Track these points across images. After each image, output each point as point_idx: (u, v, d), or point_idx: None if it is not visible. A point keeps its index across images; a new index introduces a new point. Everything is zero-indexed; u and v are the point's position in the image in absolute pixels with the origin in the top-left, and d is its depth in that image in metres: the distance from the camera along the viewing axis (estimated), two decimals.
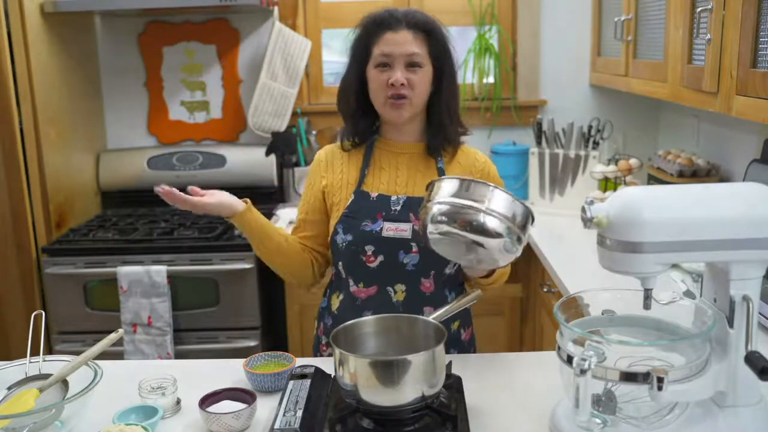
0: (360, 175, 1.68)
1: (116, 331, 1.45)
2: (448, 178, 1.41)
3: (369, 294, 1.65)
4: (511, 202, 1.35)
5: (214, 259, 2.74)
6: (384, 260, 1.62)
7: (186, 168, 3.24)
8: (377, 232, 1.61)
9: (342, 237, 1.64)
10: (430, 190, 1.42)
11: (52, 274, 2.75)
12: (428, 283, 1.64)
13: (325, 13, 3.33)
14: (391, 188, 1.66)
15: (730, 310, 1.20)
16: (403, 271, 1.62)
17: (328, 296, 1.76)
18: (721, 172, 2.57)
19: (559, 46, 3.25)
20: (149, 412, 1.34)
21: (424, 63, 1.61)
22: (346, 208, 1.65)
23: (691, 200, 1.19)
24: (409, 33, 1.60)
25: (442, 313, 1.43)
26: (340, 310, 1.69)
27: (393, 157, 1.69)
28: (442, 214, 1.35)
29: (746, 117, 1.65)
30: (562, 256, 2.39)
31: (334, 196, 1.69)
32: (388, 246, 1.61)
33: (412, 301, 1.63)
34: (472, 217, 1.33)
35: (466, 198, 1.35)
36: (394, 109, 1.61)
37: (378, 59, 1.60)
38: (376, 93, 1.62)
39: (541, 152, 2.98)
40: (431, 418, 1.29)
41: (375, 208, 1.63)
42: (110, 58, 3.32)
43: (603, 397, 1.18)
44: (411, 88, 1.59)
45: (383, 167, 1.69)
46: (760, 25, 1.59)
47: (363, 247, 1.62)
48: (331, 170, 1.71)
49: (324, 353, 1.76)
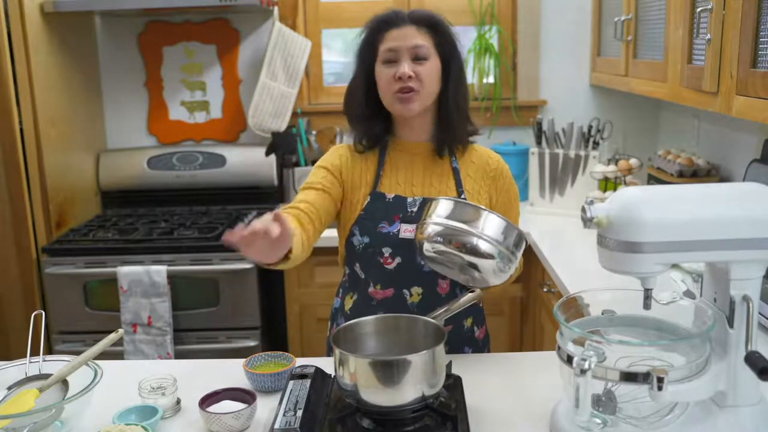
0: (375, 176, 1.67)
1: (116, 331, 1.45)
2: (444, 199, 1.45)
3: (385, 295, 1.64)
4: (504, 226, 1.41)
5: (214, 259, 2.74)
6: (401, 262, 1.61)
7: (186, 168, 3.24)
8: (394, 233, 1.61)
9: (359, 239, 1.63)
10: (428, 208, 1.46)
11: (52, 274, 2.75)
12: (445, 285, 1.64)
13: (325, 13, 3.33)
14: (408, 189, 1.66)
15: (730, 310, 1.20)
16: (420, 272, 1.62)
17: (342, 297, 1.75)
18: (721, 172, 2.57)
19: (559, 46, 3.25)
20: (149, 412, 1.34)
21: (430, 55, 1.60)
22: (362, 210, 1.64)
23: (691, 200, 1.19)
24: (413, 27, 1.60)
25: (442, 313, 1.43)
26: (353, 310, 1.69)
27: (408, 158, 1.68)
28: (438, 234, 1.40)
29: (746, 117, 1.65)
30: (562, 256, 2.39)
31: (353, 195, 1.67)
32: (405, 248, 1.60)
33: (427, 303, 1.62)
34: (466, 240, 1.39)
35: (461, 221, 1.40)
36: (403, 103, 1.59)
37: (384, 55, 1.60)
38: (385, 89, 1.61)
39: (541, 152, 2.98)
40: (431, 418, 1.29)
41: (391, 209, 1.63)
42: (110, 58, 3.32)
43: (603, 397, 1.18)
44: (419, 81, 1.58)
45: (398, 168, 1.68)
46: (760, 25, 1.59)
47: (380, 249, 1.61)
48: (350, 167, 1.69)
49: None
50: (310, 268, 2.82)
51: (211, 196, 3.24)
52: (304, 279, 2.86)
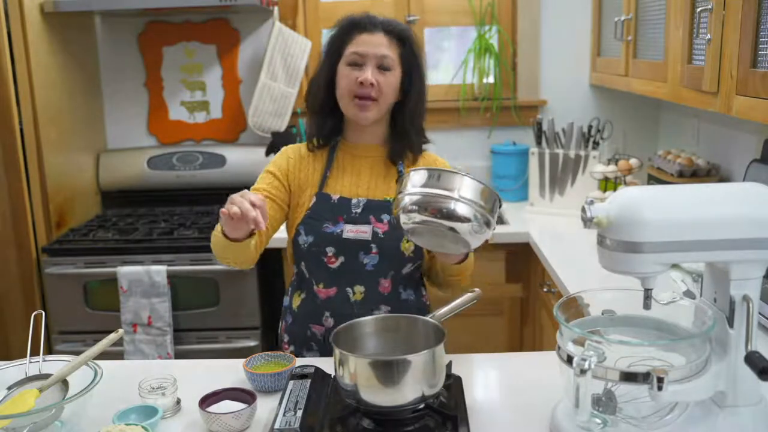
0: (322, 178, 1.70)
1: (116, 331, 1.45)
2: (416, 170, 1.42)
3: (328, 294, 1.67)
4: (477, 187, 1.38)
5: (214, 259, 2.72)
6: (344, 261, 1.65)
7: (186, 168, 3.24)
8: (338, 233, 1.64)
9: (304, 238, 1.66)
10: (401, 182, 1.44)
11: (52, 274, 2.75)
12: (386, 283, 1.67)
13: (325, 13, 3.33)
14: (353, 191, 1.69)
15: (730, 310, 1.20)
16: (362, 271, 1.65)
17: (290, 295, 1.78)
18: (721, 172, 2.57)
19: (559, 46, 3.25)
20: (149, 412, 1.34)
21: (394, 67, 1.64)
22: (308, 210, 1.68)
23: (691, 200, 1.19)
24: (385, 37, 1.63)
25: (442, 313, 1.43)
26: (301, 308, 1.72)
27: (355, 161, 1.71)
28: (413, 203, 1.38)
29: (746, 117, 1.65)
30: (562, 256, 2.39)
31: (299, 197, 1.70)
32: (348, 247, 1.64)
33: (369, 301, 1.66)
34: (442, 205, 1.36)
35: (436, 187, 1.37)
36: (360, 110, 1.63)
37: (350, 57, 1.63)
38: (344, 90, 1.64)
39: (541, 152, 2.98)
40: (431, 418, 1.29)
41: (336, 210, 1.66)
42: (110, 58, 3.32)
43: (603, 397, 1.18)
44: (379, 91, 1.62)
45: (345, 170, 1.71)
46: (760, 25, 1.59)
47: (324, 248, 1.65)
48: (297, 169, 1.72)
49: (286, 352, 1.75)
50: None
51: (211, 196, 3.24)
52: None
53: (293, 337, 1.74)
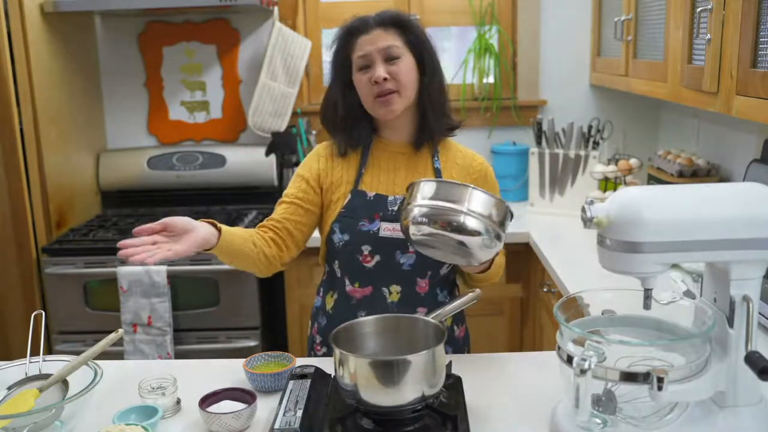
0: (357, 175, 1.68)
1: (116, 331, 1.45)
2: (426, 181, 1.43)
3: (364, 294, 1.65)
4: (489, 201, 1.38)
5: (214, 259, 2.71)
6: (380, 260, 1.62)
7: (186, 168, 3.24)
8: (374, 232, 1.61)
9: (339, 236, 1.64)
10: (410, 191, 1.44)
11: (52, 274, 2.75)
12: (423, 284, 1.64)
13: (325, 13, 3.33)
14: (389, 188, 1.66)
15: (730, 310, 1.20)
16: (399, 271, 1.62)
17: (322, 296, 1.75)
18: (721, 172, 2.57)
19: (559, 46, 3.25)
20: (149, 412, 1.34)
21: (403, 53, 1.61)
22: (343, 208, 1.65)
23: (691, 200, 1.19)
24: (380, 30, 1.62)
25: (442, 313, 1.43)
26: (335, 309, 1.69)
27: (391, 158, 1.69)
28: (423, 215, 1.38)
29: (746, 117, 1.65)
30: (562, 256, 2.39)
31: (333, 194, 1.68)
32: (385, 246, 1.61)
33: (407, 301, 1.63)
34: (452, 218, 1.36)
35: (445, 200, 1.37)
36: (384, 106, 1.60)
37: (358, 62, 1.62)
38: (365, 96, 1.62)
39: (541, 152, 2.98)
40: (431, 418, 1.29)
41: (372, 207, 1.63)
42: (110, 58, 3.32)
43: (603, 397, 1.18)
44: (396, 80, 1.59)
45: (381, 167, 1.69)
46: (760, 25, 1.59)
47: (360, 246, 1.62)
48: (330, 169, 1.70)
49: (318, 353, 1.76)
50: (309, 268, 2.82)
51: (211, 196, 3.24)
52: (303, 279, 2.86)
53: (327, 338, 1.71)
